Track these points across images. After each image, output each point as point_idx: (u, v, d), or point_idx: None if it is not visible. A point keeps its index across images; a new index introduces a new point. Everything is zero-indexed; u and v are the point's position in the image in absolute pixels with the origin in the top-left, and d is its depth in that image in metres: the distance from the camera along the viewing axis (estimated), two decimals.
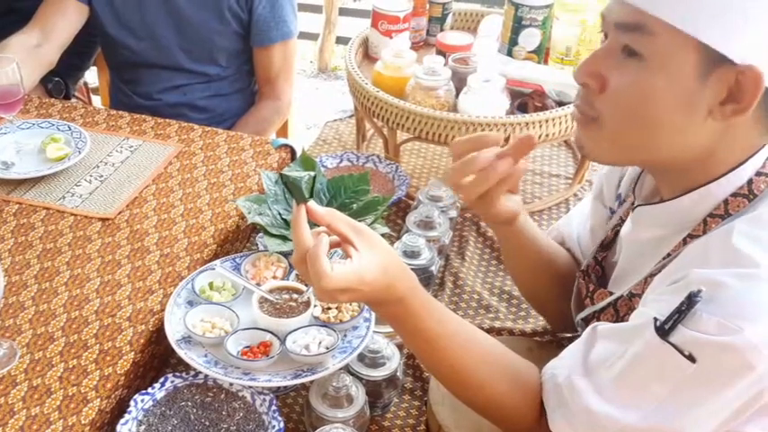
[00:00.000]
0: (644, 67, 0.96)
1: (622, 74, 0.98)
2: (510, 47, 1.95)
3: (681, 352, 0.91)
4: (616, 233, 1.24)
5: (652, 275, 1.06)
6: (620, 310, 1.14)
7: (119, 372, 1.31)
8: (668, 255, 1.05)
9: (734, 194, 1.00)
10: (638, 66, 0.97)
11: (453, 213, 1.70)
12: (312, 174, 1.07)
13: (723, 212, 1.00)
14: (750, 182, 1.00)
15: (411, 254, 1.51)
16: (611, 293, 1.18)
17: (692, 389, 0.92)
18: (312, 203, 1.05)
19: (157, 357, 1.41)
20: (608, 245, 1.26)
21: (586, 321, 1.20)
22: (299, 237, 1.03)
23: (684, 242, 1.03)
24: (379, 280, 1.03)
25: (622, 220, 1.22)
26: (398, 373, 1.33)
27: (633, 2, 0.95)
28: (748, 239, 0.93)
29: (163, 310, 1.39)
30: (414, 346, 1.13)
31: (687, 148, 1.00)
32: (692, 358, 0.90)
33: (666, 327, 0.92)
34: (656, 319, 0.94)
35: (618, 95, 1.00)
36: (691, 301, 0.90)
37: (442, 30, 2.14)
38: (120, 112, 2.03)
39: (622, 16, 0.97)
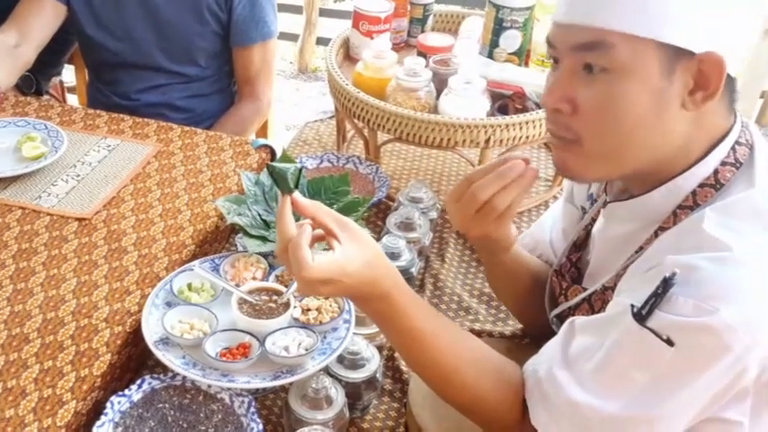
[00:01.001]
0: (611, 79, 0.98)
1: (591, 91, 1.00)
2: (491, 48, 1.95)
3: (659, 336, 0.92)
4: (588, 232, 1.25)
5: (624, 268, 1.08)
6: (594, 305, 1.16)
7: (95, 373, 1.30)
8: (640, 248, 1.07)
9: (701, 185, 1.02)
10: (605, 79, 0.98)
11: (433, 215, 1.71)
12: (299, 166, 1.07)
13: (692, 203, 1.02)
14: (716, 172, 1.02)
15: (391, 255, 1.51)
16: (584, 289, 1.19)
17: (671, 373, 0.93)
18: (297, 194, 1.04)
19: (134, 359, 1.40)
20: (581, 245, 1.27)
21: (561, 318, 1.21)
22: (283, 227, 1.03)
23: (656, 234, 1.05)
24: (362, 273, 1.03)
25: (594, 219, 1.23)
26: (378, 375, 1.33)
27: (589, 23, 0.97)
28: (719, 226, 0.96)
29: (140, 311, 1.38)
30: (398, 344, 1.13)
31: (666, 145, 1.02)
32: (670, 342, 0.92)
33: (643, 312, 0.94)
34: (632, 306, 0.95)
35: (593, 112, 1.00)
36: (666, 284, 0.92)
37: (423, 31, 2.14)
38: (98, 111, 2.02)
39: (578, 38, 0.99)
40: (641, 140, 1.00)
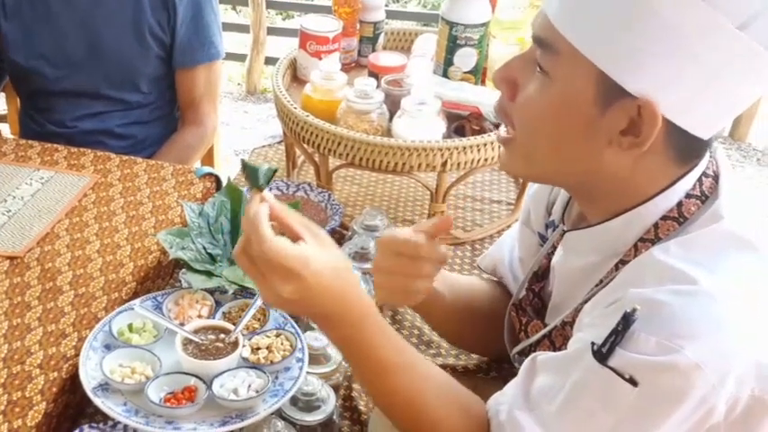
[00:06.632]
0: (548, 84, 0.99)
1: (531, 85, 1.02)
2: (445, 67, 1.95)
3: (621, 376, 0.92)
4: (550, 261, 1.25)
5: (584, 303, 1.07)
6: (555, 341, 1.15)
7: (29, 424, 1.26)
8: (600, 281, 1.07)
9: (663, 218, 1.02)
10: (543, 82, 1.00)
11: None
12: (274, 168, 1.07)
13: (653, 236, 1.02)
14: (680, 204, 1.02)
15: None
16: (545, 325, 1.19)
17: (636, 415, 0.93)
18: (268, 193, 1.02)
19: (72, 407, 1.37)
20: (543, 274, 1.27)
21: (523, 355, 1.20)
22: (249, 220, 0.99)
23: (616, 267, 1.05)
24: (328, 277, 1.00)
25: (555, 248, 1.23)
26: (335, 417, 1.31)
27: (551, 19, 0.97)
28: (682, 258, 0.95)
29: (77, 355, 1.35)
30: (365, 375, 1.10)
31: (594, 171, 1.02)
32: (633, 382, 0.91)
33: (604, 350, 0.93)
34: (593, 344, 0.94)
35: (524, 107, 1.03)
36: (626, 321, 0.91)
37: (373, 50, 2.14)
38: (30, 142, 1.99)
39: (538, 29, 1.01)
40: (561, 155, 1.03)
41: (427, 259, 1.19)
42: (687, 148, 1.00)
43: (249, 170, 1.06)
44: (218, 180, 1.90)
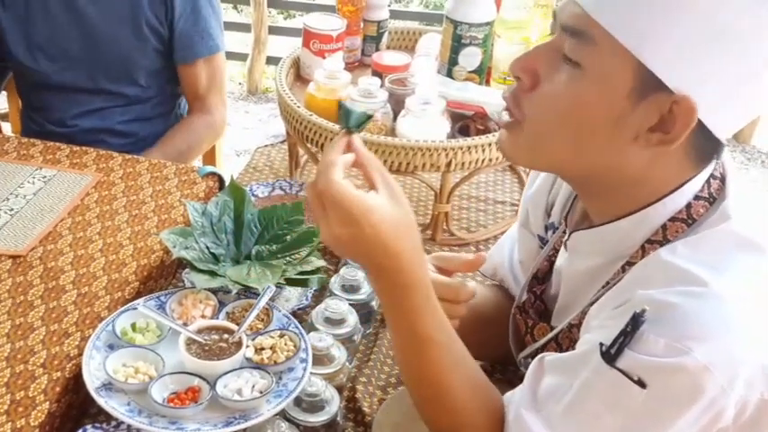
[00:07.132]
0: (578, 76, 0.96)
1: (556, 77, 0.99)
2: (450, 67, 1.95)
3: (629, 377, 0.91)
4: (551, 264, 1.24)
5: (591, 305, 1.07)
6: (562, 344, 1.15)
7: (32, 424, 1.26)
8: (607, 283, 1.06)
9: (672, 219, 1.01)
10: (573, 73, 0.97)
11: None
12: (369, 114, 1.07)
13: (662, 238, 1.01)
14: (689, 206, 1.01)
15: (350, 288, 1.49)
16: (551, 328, 1.18)
17: (645, 417, 0.92)
18: (356, 137, 1.03)
19: (75, 407, 1.37)
20: (543, 277, 1.26)
21: (530, 359, 1.20)
22: (329, 155, 1.00)
23: (623, 269, 1.04)
24: (385, 231, 0.99)
25: (556, 250, 1.23)
26: (339, 418, 1.31)
27: (585, 7, 0.94)
28: (691, 259, 0.95)
29: (81, 354, 1.35)
30: (401, 341, 1.09)
31: (609, 167, 1.01)
32: (641, 383, 0.91)
33: (612, 351, 0.93)
34: (601, 345, 0.94)
35: (546, 98, 1.00)
36: (635, 322, 0.91)
37: (377, 49, 2.14)
38: (33, 140, 1.98)
39: (569, 18, 0.97)
40: (578, 149, 1.01)
41: (464, 301, 1.19)
42: (706, 149, 0.99)
43: (344, 110, 1.05)
44: (220, 179, 1.90)
